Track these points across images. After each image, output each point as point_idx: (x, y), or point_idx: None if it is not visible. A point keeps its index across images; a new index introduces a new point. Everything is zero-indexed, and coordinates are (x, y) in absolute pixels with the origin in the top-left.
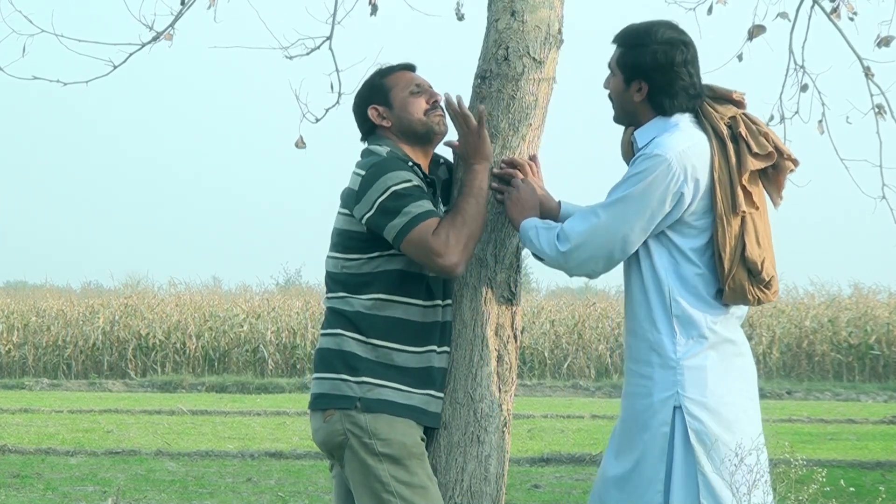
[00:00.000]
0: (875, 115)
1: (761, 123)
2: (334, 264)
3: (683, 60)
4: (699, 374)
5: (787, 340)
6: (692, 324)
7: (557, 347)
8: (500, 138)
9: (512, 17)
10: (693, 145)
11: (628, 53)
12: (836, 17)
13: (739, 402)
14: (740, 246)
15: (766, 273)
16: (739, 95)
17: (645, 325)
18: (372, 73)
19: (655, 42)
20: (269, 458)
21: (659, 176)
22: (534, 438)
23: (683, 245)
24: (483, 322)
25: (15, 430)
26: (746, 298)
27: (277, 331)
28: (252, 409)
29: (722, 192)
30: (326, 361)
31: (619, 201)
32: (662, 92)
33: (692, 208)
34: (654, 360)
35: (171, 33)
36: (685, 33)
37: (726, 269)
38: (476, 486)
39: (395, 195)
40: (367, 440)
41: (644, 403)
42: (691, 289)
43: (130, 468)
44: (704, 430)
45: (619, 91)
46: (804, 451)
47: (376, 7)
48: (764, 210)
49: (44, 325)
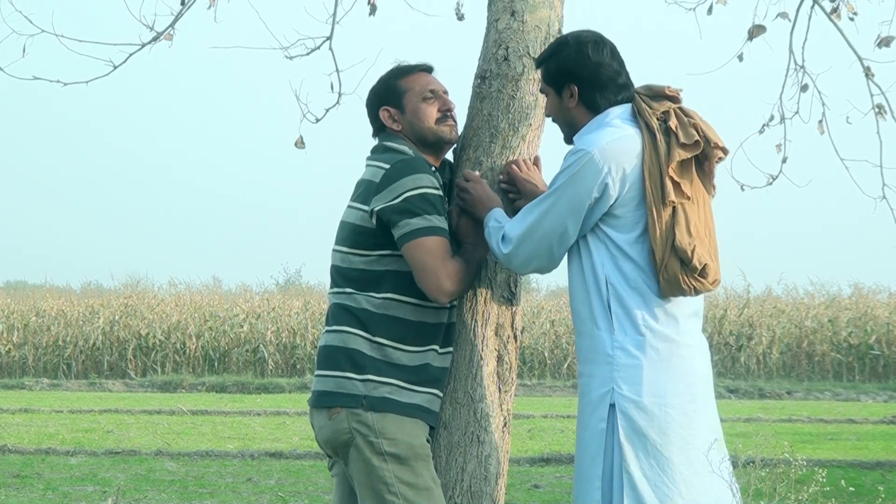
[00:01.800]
0: (875, 115)
1: (695, 115)
2: (342, 258)
3: (600, 52)
4: (634, 372)
5: (787, 340)
6: (629, 320)
7: (557, 347)
8: (500, 138)
9: (512, 17)
10: (619, 139)
11: (550, 65)
12: (837, 17)
13: (679, 404)
14: (671, 236)
15: (698, 261)
16: (673, 91)
17: (587, 323)
18: (389, 71)
19: (568, 45)
20: (269, 458)
21: (582, 169)
22: (534, 438)
23: (618, 239)
24: (483, 322)
25: (15, 430)
26: (682, 289)
27: (277, 331)
28: (252, 409)
29: (651, 184)
30: (331, 358)
31: (548, 197)
32: (591, 87)
33: (620, 200)
34: (594, 357)
35: (171, 33)
36: (597, 32)
37: (658, 260)
38: (476, 486)
39: (424, 198)
40: (373, 439)
41: (584, 401)
42: (630, 285)
43: (130, 468)
44: (633, 429)
45: (555, 106)
46: (804, 451)
47: (375, 7)
48: (701, 201)
49: (44, 325)
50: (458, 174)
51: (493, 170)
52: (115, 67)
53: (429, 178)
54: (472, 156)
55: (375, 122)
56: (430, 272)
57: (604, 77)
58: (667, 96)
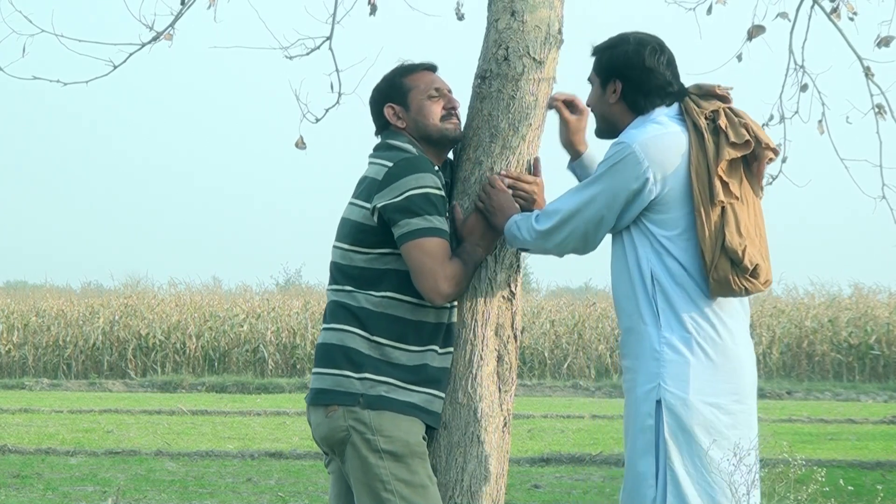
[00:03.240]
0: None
1: (744, 115)
2: (342, 255)
3: (656, 59)
4: (681, 369)
5: (787, 340)
6: (676, 317)
7: (557, 347)
8: (500, 138)
9: (512, 17)
10: (662, 135)
11: (603, 56)
12: (836, 17)
13: (724, 403)
14: (720, 236)
15: (749, 261)
16: (723, 90)
17: (633, 318)
18: (393, 69)
19: (628, 43)
20: (269, 458)
21: (622, 162)
22: (534, 438)
23: (661, 235)
24: (483, 322)
25: (15, 430)
26: (732, 290)
27: (277, 331)
28: (252, 409)
29: (699, 184)
30: (329, 356)
31: (588, 185)
32: (636, 89)
33: (661, 198)
34: (639, 351)
35: (171, 33)
36: (659, 38)
37: (708, 261)
38: (476, 486)
39: (426, 198)
40: (369, 436)
41: (631, 397)
42: (676, 281)
43: (130, 468)
44: (679, 427)
45: (597, 97)
46: (804, 451)
47: (375, 7)
48: (751, 201)
49: (44, 325)
50: (458, 174)
51: (492, 170)
52: (115, 67)
53: (432, 177)
54: (473, 156)
55: (379, 119)
56: (428, 274)
57: (652, 83)
58: (716, 95)
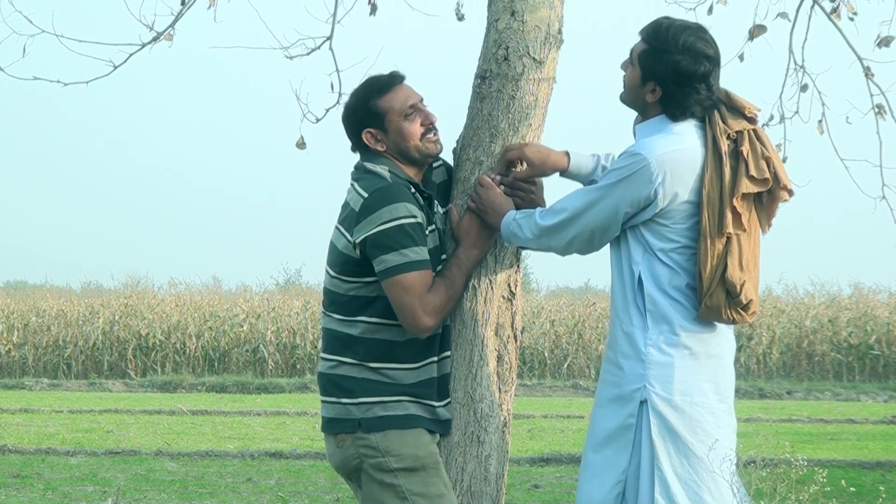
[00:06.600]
0: (875, 115)
1: (769, 145)
2: (331, 282)
3: (703, 75)
4: (667, 371)
5: (787, 340)
6: (664, 320)
7: (557, 347)
8: (500, 138)
9: (512, 17)
10: (679, 150)
11: (650, 54)
12: (836, 17)
13: (709, 403)
14: (722, 266)
15: (745, 296)
16: (753, 112)
17: (621, 316)
18: (363, 89)
19: (678, 51)
20: (269, 458)
21: (636, 174)
22: (534, 438)
23: (656, 245)
24: (483, 322)
25: (15, 430)
26: (721, 318)
27: (277, 331)
28: (252, 409)
29: (709, 211)
30: (326, 386)
31: (598, 189)
32: (675, 101)
33: (666, 211)
34: (626, 350)
35: (171, 33)
36: (712, 44)
37: (705, 288)
38: (476, 486)
39: (401, 230)
40: (380, 459)
41: (614, 393)
42: (663, 288)
43: (130, 468)
44: (665, 427)
45: (634, 84)
46: (804, 451)
47: (375, 7)
48: (754, 233)
49: (44, 325)
50: (458, 174)
51: (492, 170)
52: (116, 67)
53: (405, 206)
54: (472, 156)
55: (356, 141)
56: (407, 310)
57: (691, 100)
58: (744, 115)
